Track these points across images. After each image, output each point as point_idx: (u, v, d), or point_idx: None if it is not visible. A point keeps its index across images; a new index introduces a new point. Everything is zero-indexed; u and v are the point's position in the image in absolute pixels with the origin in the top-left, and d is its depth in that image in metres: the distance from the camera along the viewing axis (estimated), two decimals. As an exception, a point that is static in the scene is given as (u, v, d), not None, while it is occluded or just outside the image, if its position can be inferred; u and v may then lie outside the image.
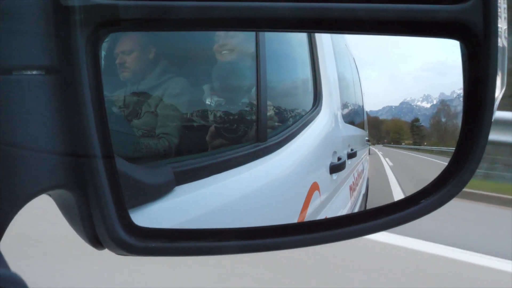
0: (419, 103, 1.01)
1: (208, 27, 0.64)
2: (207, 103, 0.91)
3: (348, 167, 1.25)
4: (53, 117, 0.54)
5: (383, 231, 0.75)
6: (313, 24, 0.62)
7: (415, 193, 0.76)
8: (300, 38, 1.10)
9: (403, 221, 0.73)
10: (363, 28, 0.63)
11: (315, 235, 0.71)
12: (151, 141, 0.83)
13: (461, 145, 0.73)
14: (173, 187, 0.78)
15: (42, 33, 0.53)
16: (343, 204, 1.24)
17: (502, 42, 0.69)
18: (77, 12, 0.53)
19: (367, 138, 1.13)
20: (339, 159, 1.22)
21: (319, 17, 0.60)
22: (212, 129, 0.87)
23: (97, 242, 0.60)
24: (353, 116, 1.23)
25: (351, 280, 3.88)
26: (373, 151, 1.11)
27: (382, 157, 1.11)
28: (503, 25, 0.71)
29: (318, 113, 1.16)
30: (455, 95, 0.92)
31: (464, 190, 0.74)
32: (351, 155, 1.26)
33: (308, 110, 1.15)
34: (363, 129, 1.13)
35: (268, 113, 1.01)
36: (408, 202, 0.75)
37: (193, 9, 0.56)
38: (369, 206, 1.25)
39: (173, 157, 0.84)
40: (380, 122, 1.04)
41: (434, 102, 1.00)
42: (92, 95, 0.55)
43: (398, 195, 0.95)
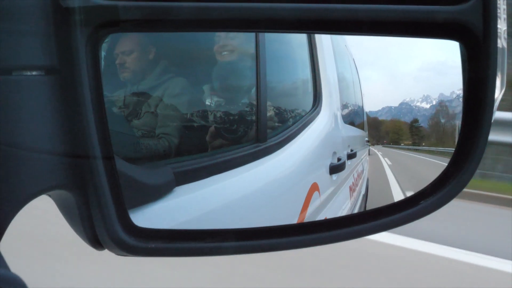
0: (418, 104, 1.01)
1: (207, 27, 0.64)
2: (207, 104, 0.91)
3: (348, 168, 1.25)
4: (53, 118, 0.54)
5: (383, 232, 0.75)
6: (313, 25, 0.62)
7: (415, 193, 0.76)
8: (300, 38, 1.10)
9: (403, 222, 0.73)
10: (363, 29, 0.63)
11: (314, 236, 0.71)
12: (151, 142, 0.83)
13: (461, 145, 0.73)
14: (173, 187, 0.78)
15: (42, 34, 0.53)
16: (343, 204, 1.24)
17: (501, 43, 0.69)
18: (77, 12, 0.53)
19: (367, 138, 1.13)
20: (339, 159, 1.22)
21: (319, 18, 0.60)
22: (212, 129, 0.87)
23: (97, 242, 0.60)
24: (353, 116, 1.23)
25: (351, 280, 3.88)
26: (373, 151, 1.11)
27: (381, 157, 1.11)
28: (502, 26, 0.71)
29: (318, 113, 1.16)
30: (454, 95, 0.92)
31: (464, 190, 0.74)
32: (351, 156, 1.26)
33: (308, 110, 1.15)
34: (363, 129, 1.13)
35: (268, 113, 1.01)
36: (408, 202, 0.75)
37: (192, 9, 0.56)
38: (369, 206, 1.24)
39: (173, 158, 0.84)
40: (379, 122, 1.04)
41: (433, 102, 1.00)
42: (92, 95, 0.55)
43: (397, 194, 0.96)
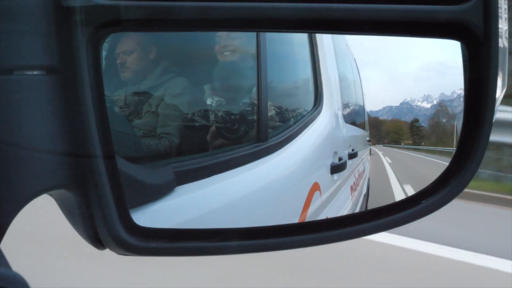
0: (419, 103, 1.00)
1: (209, 27, 0.64)
2: (208, 103, 0.91)
3: (349, 167, 1.25)
4: (54, 117, 0.54)
5: (384, 232, 0.75)
6: (314, 24, 0.62)
7: (416, 193, 0.76)
8: (301, 38, 1.10)
9: (404, 221, 0.73)
10: (364, 28, 0.63)
11: (316, 236, 0.71)
12: (152, 141, 0.83)
13: (462, 145, 0.73)
14: (174, 187, 0.78)
15: (43, 33, 0.53)
16: (344, 204, 1.24)
17: (502, 42, 0.69)
18: (78, 12, 0.53)
19: (368, 138, 1.13)
20: (340, 159, 1.22)
21: (320, 17, 0.60)
22: (213, 129, 0.87)
23: (98, 242, 0.60)
24: (354, 116, 1.22)
25: (351, 280, 3.88)
26: (374, 151, 1.11)
27: (382, 156, 1.11)
28: (503, 26, 0.71)
29: (319, 113, 1.16)
30: (455, 95, 0.92)
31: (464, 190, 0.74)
32: (352, 155, 1.26)
33: (309, 110, 1.15)
34: (364, 129, 1.13)
35: (269, 113, 1.00)
36: (409, 202, 0.75)
37: (194, 9, 0.56)
38: (370, 206, 1.24)
39: (174, 157, 0.84)
40: (380, 122, 1.04)
41: (434, 102, 1.00)
42: (93, 95, 0.55)
43: (399, 194, 0.96)
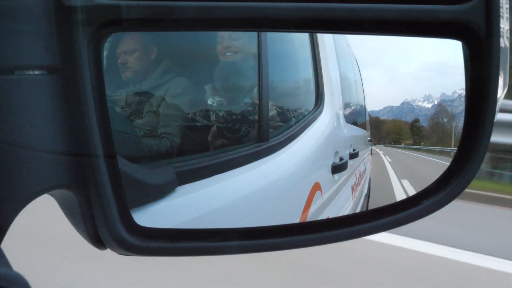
0: (420, 103, 1.00)
1: (210, 27, 0.64)
2: (209, 103, 0.91)
3: (350, 167, 1.25)
4: (55, 117, 0.54)
5: (385, 232, 0.75)
6: (315, 24, 0.62)
7: (417, 193, 0.76)
8: (302, 38, 1.10)
9: (405, 221, 0.73)
10: (365, 28, 0.63)
11: (317, 235, 0.71)
12: (153, 141, 0.83)
13: (464, 145, 0.73)
14: (175, 187, 0.78)
15: (44, 33, 0.53)
16: (345, 204, 1.24)
17: (504, 42, 0.69)
18: (79, 12, 0.53)
19: (369, 138, 1.13)
20: (341, 159, 1.22)
21: (321, 17, 0.60)
22: (214, 129, 0.87)
23: (99, 242, 0.60)
24: (355, 116, 1.22)
25: (351, 279, 3.88)
26: (375, 151, 1.11)
27: (382, 155, 1.11)
28: (505, 25, 0.71)
29: (320, 113, 1.16)
30: (456, 95, 0.92)
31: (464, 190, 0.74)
32: (353, 155, 1.26)
33: (310, 110, 1.15)
34: (365, 129, 1.13)
35: (270, 113, 1.00)
36: (410, 202, 0.75)
37: (195, 9, 0.56)
38: (371, 206, 1.24)
39: (175, 157, 0.84)
40: (381, 122, 1.04)
41: (435, 102, 1.00)
42: (94, 94, 0.55)
43: (399, 194, 0.96)
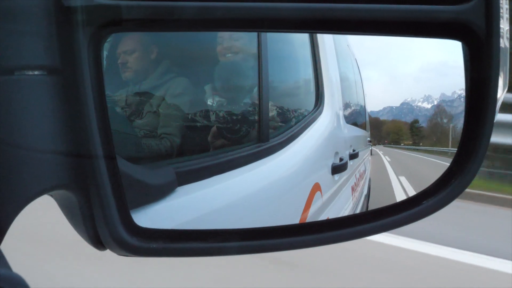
0: (419, 104, 1.00)
1: (210, 27, 0.64)
2: (209, 103, 0.91)
3: (350, 168, 1.25)
4: (55, 117, 0.54)
5: (385, 232, 0.75)
6: (315, 24, 0.62)
7: (417, 194, 0.76)
8: (302, 38, 1.10)
9: (406, 222, 0.73)
10: (365, 28, 0.63)
11: (316, 236, 0.70)
12: (153, 141, 0.83)
13: (463, 145, 0.73)
14: (175, 187, 0.78)
15: (44, 33, 0.53)
16: (345, 205, 1.24)
17: (504, 42, 0.69)
18: (79, 12, 0.53)
19: (369, 138, 1.13)
20: (341, 159, 1.22)
21: (321, 17, 0.60)
22: (214, 129, 0.87)
23: (99, 242, 0.60)
24: (355, 116, 1.22)
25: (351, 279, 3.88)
26: (375, 151, 1.11)
27: (382, 156, 1.12)
28: (505, 26, 0.71)
29: (320, 113, 1.16)
30: (456, 95, 0.92)
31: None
32: (353, 156, 1.26)
33: (310, 110, 1.15)
34: (365, 129, 1.13)
35: (270, 113, 1.00)
36: (410, 203, 0.75)
37: (195, 9, 0.56)
38: (371, 207, 1.24)
39: (175, 158, 0.84)
40: (381, 123, 1.04)
41: (435, 102, 1.00)
42: (94, 95, 0.55)
43: (400, 194, 0.96)
